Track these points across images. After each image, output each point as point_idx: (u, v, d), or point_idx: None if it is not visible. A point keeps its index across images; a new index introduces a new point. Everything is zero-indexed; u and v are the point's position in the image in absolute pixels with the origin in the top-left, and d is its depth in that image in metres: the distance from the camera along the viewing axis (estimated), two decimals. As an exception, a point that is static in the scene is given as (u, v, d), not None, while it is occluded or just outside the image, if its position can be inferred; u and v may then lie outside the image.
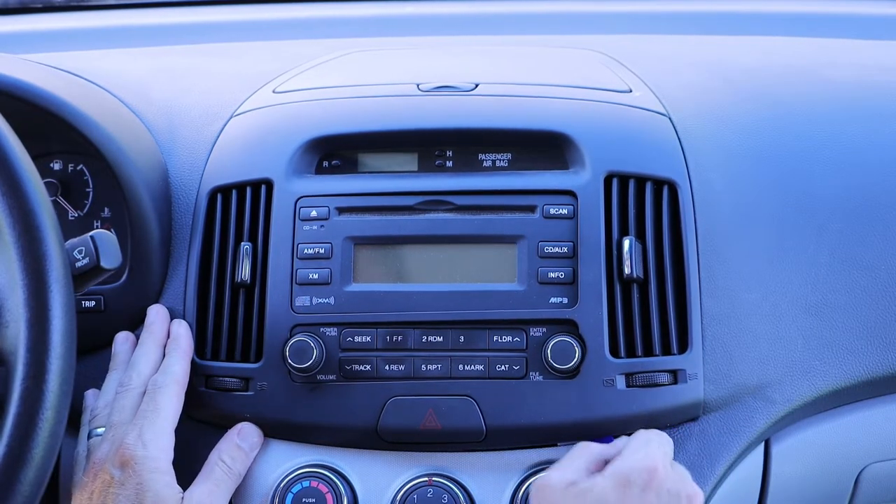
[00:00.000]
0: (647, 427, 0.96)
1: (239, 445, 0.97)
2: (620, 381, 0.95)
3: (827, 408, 1.04)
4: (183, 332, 1.00)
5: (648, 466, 0.86)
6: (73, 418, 0.97)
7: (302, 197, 1.02)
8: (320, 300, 0.99)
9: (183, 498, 0.91)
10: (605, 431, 0.96)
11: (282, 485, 0.98)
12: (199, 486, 0.93)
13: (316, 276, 0.99)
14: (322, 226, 1.01)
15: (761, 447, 1.03)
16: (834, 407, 1.05)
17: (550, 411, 0.94)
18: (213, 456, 0.96)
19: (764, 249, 1.04)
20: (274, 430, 0.99)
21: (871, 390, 1.04)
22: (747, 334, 1.00)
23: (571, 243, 0.98)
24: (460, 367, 0.97)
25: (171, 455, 0.93)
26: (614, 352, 0.96)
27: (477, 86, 1.10)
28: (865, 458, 1.08)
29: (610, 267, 0.98)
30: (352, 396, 0.97)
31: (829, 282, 1.03)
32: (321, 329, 0.98)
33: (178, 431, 0.96)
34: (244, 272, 1.00)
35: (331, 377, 0.97)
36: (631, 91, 1.12)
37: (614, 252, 0.98)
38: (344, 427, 0.97)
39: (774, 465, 1.04)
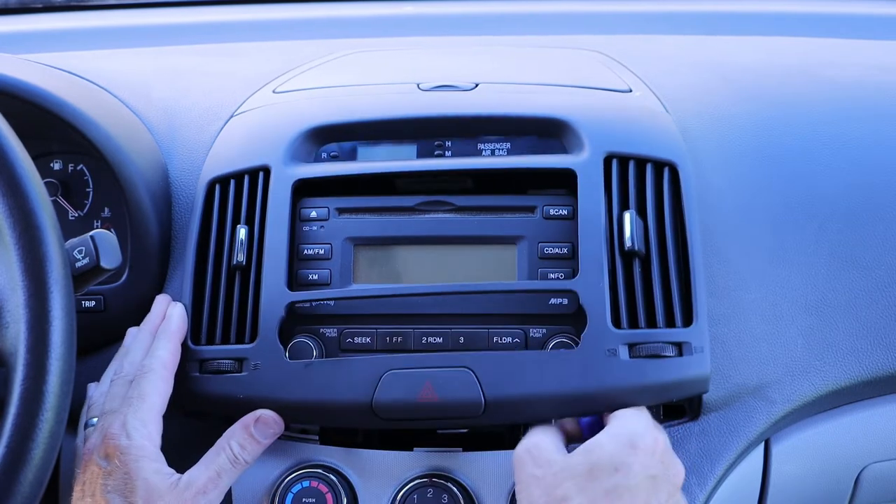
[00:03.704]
0: (653, 401, 0.94)
1: (252, 434, 0.94)
2: (623, 352, 0.92)
3: (827, 408, 1.04)
4: (175, 314, 0.99)
5: (652, 434, 0.86)
6: (74, 416, 0.97)
7: (299, 180, 1.01)
8: (320, 301, 0.99)
9: (179, 481, 0.89)
10: (608, 402, 0.92)
11: (282, 485, 0.98)
12: (198, 470, 0.91)
13: (316, 277, 0.99)
14: (322, 226, 1.01)
15: (761, 447, 1.03)
16: (834, 407, 1.05)
17: (551, 381, 0.92)
18: (222, 440, 0.93)
19: (764, 249, 1.04)
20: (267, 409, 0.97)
21: (871, 390, 1.04)
22: (747, 334, 1.00)
23: (571, 244, 0.98)
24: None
25: (158, 441, 0.91)
26: (616, 323, 0.94)
27: (477, 86, 1.10)
28: (865, 458, 1.08)
29: (611, 242, 0.96)
30: (348, 372, 0.94)
31: (829, 281, 1.04)
32: (321, 329, 0.98)
33: (178, 422, 0.96)
34: (239, 255, 0.99)
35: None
36: (631, 91, 1.12)
37: (615, 229, 0.97)
38: (339, 403, 0.94)
39: (774, 465, 1.04)
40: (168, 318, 0.99)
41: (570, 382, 0.92)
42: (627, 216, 0.96)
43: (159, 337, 0.97)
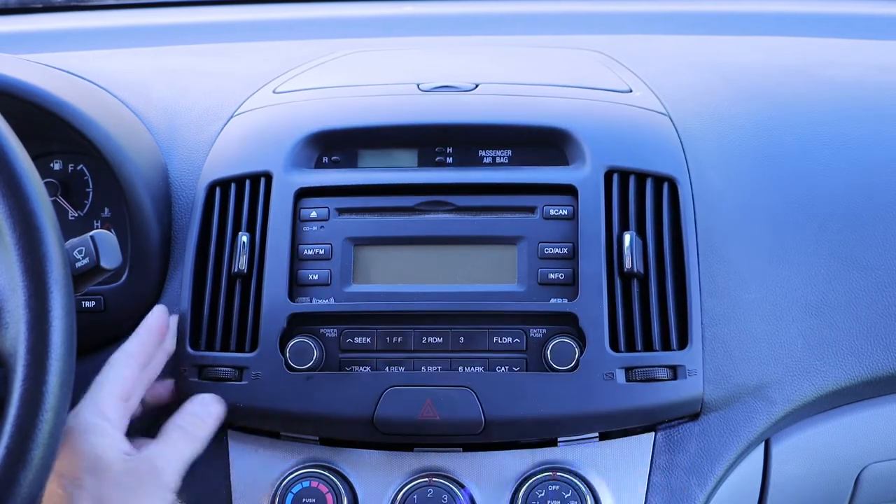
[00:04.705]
0: (646, 422, 0.97)
1: (194, 412, 0.94)
2: (620, 376, 0.94)
3: (827, 408, 1.04)
4: (156, 310, 0.99)
5: None
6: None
7: (301, 188, 1.01)
8: (320, 301, 0.99)
9: (133, 455, 0.88)
10: (603, 424, 0.96)
11: (282, 485, 0.98)
12: (151, 446, 0.90)
13: (316, 277, 0.99)
14: (322, 227, 1.01)
15: (761, 447, 1.03)
16: (834, 407, 1.05)
17: (550, 404, 0.94)
18: (169, 423, 0.93)
19: (764, 249, 1.04)
20: (268, 420, 0.98)
21: (871, 390, 1.04)
22: (747, 334, 1.00)
23: (571, 244, 0.99)
24: (460, 368, 0.96)
25: (118, 422, 0.90)
26: (614, 346, 0.96)
27: (477, 86, 1.10)
28: (865, 458, 1.08)
29: (610, 261, 0.98)
30: (349, 386, 0.96)
31: (829, 282, 1.03)
32: (321, 329, 0.98)
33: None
34: (241, 262, 0.99)
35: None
36: (631, 91, 1.12)
37: (615, 247, 0.98)
38: (340, 417, 0.96)
39: (774, 465, 1.04)
40: (149, 314, 0.99)
41: (567, 405, 0.94)
42: (627, 237, 0.97)
43: (136, 331, 0.98)
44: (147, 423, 0.99)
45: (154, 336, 0.98)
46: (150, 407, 0.99)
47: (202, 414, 0.95)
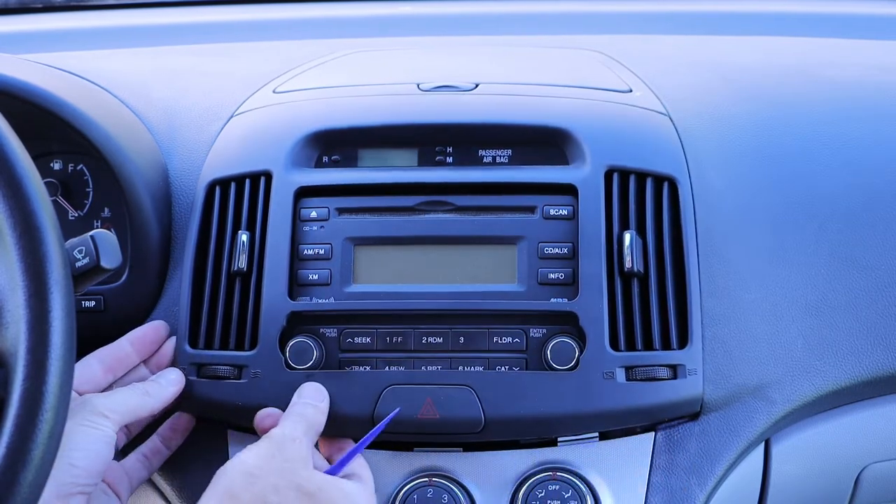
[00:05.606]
0: (646, 421, 0.97)
1: (155, 378, 0.96)
2: (620, 375, 0.94)
3: (827, 408, 1.04)
4: (149, 324, 1.02)
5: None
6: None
7: (301, 187, 1.02)
8: (320, 301, 0.99)
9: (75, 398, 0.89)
10: (603, 423, 0.96)
11: (282, 485, 0.97)
12: (106, 396, 0.92)
13: (316, 277, 0.99)
14: (322, 226, 1.01)
15: (761, 447, 1.03)
16: (834, 407, 1.05)
17: (550, 403, 0.94)
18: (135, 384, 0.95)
19: (764, 249, 1.04)
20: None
21: (872, 390, 1.04)
22: (747, 334, 1.00)
23: (571, 244, 0.99)
24: (460, 367, 0.96)
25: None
26: (614, 345, 0.96)
27: (477, 86, 1.10)
28: (865, 458, 1.08)
29: (610, 261, 0.98)
30: (349, 385, 0.96)
31: (829, 282, 1.03)
32: (321, 329, 0.98)
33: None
34: (241, 261, 1.00)
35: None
36: (631, 91, 1.12)
37: (615, 246, 0.98)
38: (339, 415, 0.95)
39: (774, 465, 1.04)
40: (145, 325, 1.01)
41: (567, 404, 0.94)
42: (627, 236, 0.97)
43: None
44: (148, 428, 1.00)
45: (137, 343, 0.99)
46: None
47: (161, 381, 0.96)
